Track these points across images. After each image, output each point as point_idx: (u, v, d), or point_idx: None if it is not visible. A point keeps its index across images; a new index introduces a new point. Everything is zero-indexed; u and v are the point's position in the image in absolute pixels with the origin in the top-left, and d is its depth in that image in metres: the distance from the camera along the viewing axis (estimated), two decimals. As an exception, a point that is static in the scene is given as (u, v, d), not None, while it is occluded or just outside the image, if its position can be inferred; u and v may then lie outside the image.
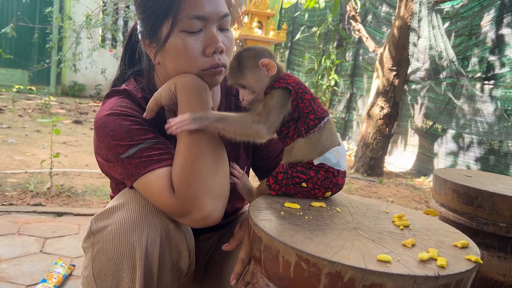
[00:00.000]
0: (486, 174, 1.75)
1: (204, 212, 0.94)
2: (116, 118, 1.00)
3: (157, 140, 1.00)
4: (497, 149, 4.39)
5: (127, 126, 0.99)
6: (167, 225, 0.98)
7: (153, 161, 0.97)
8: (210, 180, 0.96)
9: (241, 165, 1.27)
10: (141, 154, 0.97)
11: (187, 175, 0.94)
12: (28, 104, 7.44)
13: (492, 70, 4.48)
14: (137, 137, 0.98)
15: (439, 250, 0.80)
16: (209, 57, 1.02)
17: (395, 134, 5.89)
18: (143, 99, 1.09)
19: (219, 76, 1.06)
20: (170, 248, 0.99)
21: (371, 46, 5.27)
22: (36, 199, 2.91)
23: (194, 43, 1.00)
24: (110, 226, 0.96)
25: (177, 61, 1.01)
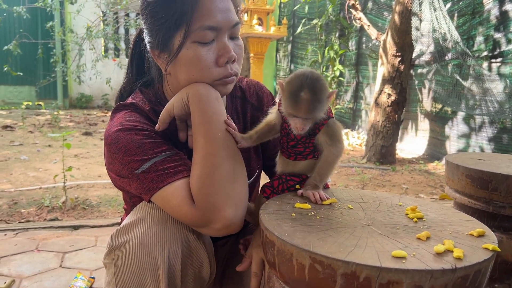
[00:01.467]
0: (500, 156, 1.72)
1: (226, 221, 0.93)
2: (127, 134, 0.99)
3: (170, 152, 1.00)
4: (510, 128, 4.32)
5: (139, 140, 0.98)
6: (187, 236, 0.98)
7: (170, 174, 0.96)
8: (230, 189, 0.95)
9: (253, 166, 1.27)
10: (156, 168, 0.96)
11: (206, 185, 0.94)
12: (38, 120, 7.52)
13: (498, 47, 4.41)
14: (150, 151, 0.97)
15: (455, 241, 0.79)
16: (222, 67, 1.02)
17: (404, 120, 5.83)
18: (151, 110, 1.09)
19: (231, 85, 1.06)
20: (192, 259, 1.00)
21: (373, 33, 5.22)
22: (52, 214, 2.94)
23: (207, 54, 0.99)
24: (131, 241, 0.97)
25: (189, 72, 1.01)
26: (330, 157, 1.01)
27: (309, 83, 0.93)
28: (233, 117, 1.21)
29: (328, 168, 1.02)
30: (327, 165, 1.02)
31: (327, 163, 1.02)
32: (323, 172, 1.02)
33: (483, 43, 4.60)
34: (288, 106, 0.95)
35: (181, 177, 0.96)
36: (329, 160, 1.01)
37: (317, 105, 0.93)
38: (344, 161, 5.17)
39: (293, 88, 0.93)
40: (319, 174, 1.02)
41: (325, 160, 1.01)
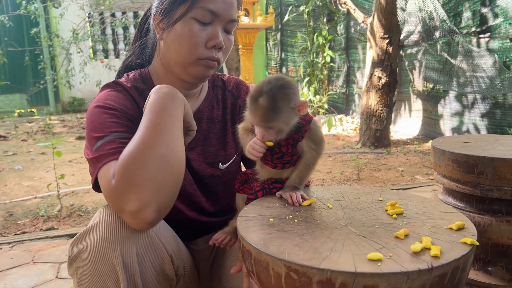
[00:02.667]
0: (486, 137, 1.71)
1: (140, 202, 0.89)
2: (99, 110, 1.06)
3: (124, 134, 1.02)
4: (502, 102, 4.31)
5: (104, 118, 1.04)
6: (140, 235, 0.98)
7: (109, 154, 0.98)
8: (156, 173, 0.92)
9: (230, 152, 1.29)
10: (103, 147, 0.99)
11: (132, 161, 0.91)
12: (31, 127, 7.48)
13: (486, 22, 4.37)
14: (107, 130, 1.02)
15: (433, 237, 0.78)
16: (209, 49, 1.09)
17: (397, 102, 5.81)
18: (133, 88, 1.16)
19: (212, 70, 1.13)
20: (150, 256, 0.99)
21: (360, 17, 5.17)
22: (48, 223, 2.93)
23: (200, 33, 1.08)
24: (86, 249, 0.96)
25: (180, 44, 1.09)
26: (311, 160, 1.00)
27: (268, 90, 0.89)
28: (213, 103, 1.28)
29: (309, 170, 1.01)
30: (308, 168, 1.01)
31: (307, 166, 1.01)
32: (303, 174, 1.01)
33: (471, 19, 4.57)
34: (248, 112, 0.94)
35: (117, 157, 0.96)
36: (310, 163, 1.01)
37: (275, 114, 0.89)
38: (339, 147, 5.17)
39: (253, 93, 0.91)
40: (299, 177, 1.01)
41: (306, 164, 1.00)
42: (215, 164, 1.26)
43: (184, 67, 1.12)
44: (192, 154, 1.22)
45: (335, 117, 6.65)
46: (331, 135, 6.09)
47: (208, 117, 1.26)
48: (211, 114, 1.28)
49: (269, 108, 0.88)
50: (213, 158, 1.26)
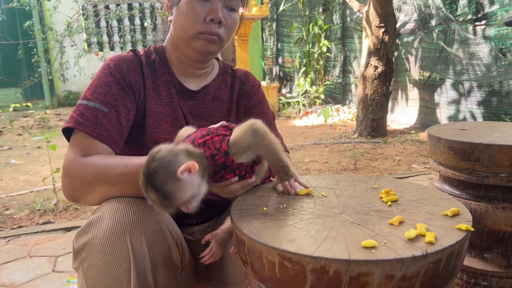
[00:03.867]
0: (482, 124, 1.70)
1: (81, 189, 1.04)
2: (103, 71, 1.15)
3: (105, 109, 1.10)
4: (498, 90, 4.30)
5: (102, 81, 1.13)
6: (148, 222, 0.98)
7: (80, 122, 1.06)
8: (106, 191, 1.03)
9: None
10: (82, 109, 1.08)
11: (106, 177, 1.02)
12: (26, 121, 7.44)
13: (482, 10, 4.35)
14: (96, 95, 1.10)
15: (428, 223, 0.78)
16: (208, 24, 1.14)
17: (394, 91, 5.80)
18: (144, 55, 1.24)
19: (213, 45, 1.17)
20: (158, 243, 0.99)
21: (356, 6, 5.14)
22: (44, 217, 2.92)
23: (200, 9, 1.13)
24: (93, 239, 0.96)
25: (182, 20, 1.16)
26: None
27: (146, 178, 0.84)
28: (221, 85, 1.33)
29: (276, 156, 0.95)
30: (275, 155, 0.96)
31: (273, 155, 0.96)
32: (277, 159, 0.95)
33: (467, 7, 4.54)
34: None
35: (79, 129, 1.06)
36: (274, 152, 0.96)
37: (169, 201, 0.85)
38: (336, 138, 5.16)
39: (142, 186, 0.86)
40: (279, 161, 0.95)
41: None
42: None
43: (187, 42, 1.17)
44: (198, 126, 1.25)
45: (332, 107, 6.63)
46: (328, 125, 6.08)
47: (214, 96, 1.31)
48: (218, 94, 1.32)
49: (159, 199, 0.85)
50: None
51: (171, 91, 1.23)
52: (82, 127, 1.05)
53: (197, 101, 1.27)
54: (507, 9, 4.05)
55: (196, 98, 1.27)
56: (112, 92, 1.12)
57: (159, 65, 1.24)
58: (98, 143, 1.06)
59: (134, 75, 1.18)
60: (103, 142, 1.07)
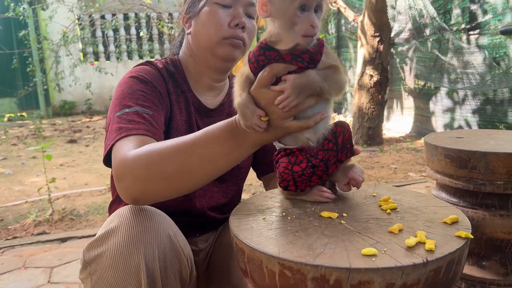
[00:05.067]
0: (478, 132, 1.71)
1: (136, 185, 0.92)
2: (132, 80, 1.12)
3: (149, 111, 1.06)
4: (492, 98, 4.34)
5: (135, 88, 1.10)
6: (162, 239, 0.96)
7: (129, 129, 1.00)
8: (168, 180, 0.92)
9: (245, 163, 1.34)
10: (126, 117, 1.02)
11: (160, 156, 0.91)
12: (21, 131, 7.41)
13: (475, 19, 4.40)
14: (135, 101, 1.06)
15: (428, 231, 0.78)
16: (232, 28, 1.16)
17: (389, 99, 5.83)
18: (164, 69, 1.23)
19: (238, 50, 1.19)
20: (170, 259, 0.98)
21: (351, 15, 5.19)
22: (39, 228, 2.89)
23: (223, 14, 1.16)
24: (105, 253, 0.94)
25: (206, 27, 1.17)
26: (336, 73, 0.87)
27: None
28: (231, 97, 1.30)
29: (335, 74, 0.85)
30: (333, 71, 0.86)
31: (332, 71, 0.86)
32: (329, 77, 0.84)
33: (460, 16, 4.59)
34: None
35: (134, 133, 0.99)
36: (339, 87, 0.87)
37: None
38: (332, 146, 5.16)
39: None
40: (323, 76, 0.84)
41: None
42: None
43: (212, 49, 1.18)
44: None
45: (328, 116, 6.64)
46: (323, 134, 6.09)
47: (228, 112, 1.30)
48: (231, 110, 1.30)
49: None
50: None
51: (190, 109, 1.23)
52: (136, 131, 1.00)
53: (213, 118, 1.26)
54: (500, 19, 4.10)
55: (213, 115, 1.27)
56: (149, 97, 1.10)
57: (178, 80, 1.24)
58: (152, 140, 1.00)
59: (162, 89, 1.17)
60: (157, 140, 1.02)
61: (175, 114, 1.19)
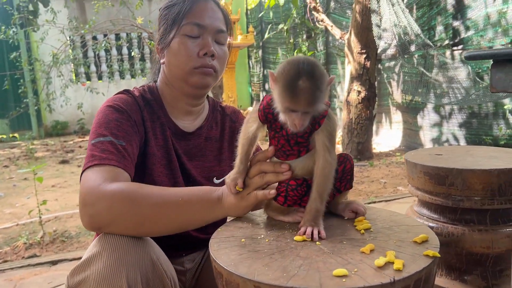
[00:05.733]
0: (457, 149, 1.76)
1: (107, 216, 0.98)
2: (108, 110, 1.16)
3: (122, 142, 1.10)
4: (478, 112, 4.42)
5: (111, 118, 1.14)
6: (144, 262, 0.98)
7: (101, 158, 1.04)
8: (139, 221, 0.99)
9: (225, 169, 1.35)
10: (100, 146, 1.07)
11: (139, 199, 0.98)
12: (13, 153, 7.40)
13: (458, 35, 4.51)
14: (109, 130, 1.11)
15: (398, 250, 0.81)
16: (202, 58, 1.21)
17: (378, 114, 5.91)
18: (140, 97, 1.27)
19: (209, 77, 1.24)
20: (153, 282, 1.00)
21: (337, 33, 5.29)
22: (30, 251, 2.89)
23: (192, 45, 1.20)
24: (89, 278, 0.96)
25: (177, 58, 1.22)
26: (327, 169, 0.92)
27: (307, 69, 0.83)
28: (212, 124, 1.38)
29: (327, 183, 0.93)
30: (326, 180, 0.92)
31: (325, 177, 0.92)
32: (323, 189, 0.92)
33: (444, 32, 4.71)
34: (283, 99, 0.84)
35: (106, 163, 1.04)
36: (326, 173, 0.92)
37: (318, 94, 0.84)
38: (323, 162, 5.21)
39: (289, 76, 0.83)
40: (319, 194, 0.92)
41: (323, 174, 0.92)
42: (210, 178, 1.33)
43: (184, 79, 1.23)
44: (191, 166, 1.30)
45: (318, 131, 6.70)
46: (315, 150, 6.14)
47: (207, 136, 1.35)
48: (209, 133, 1.36)
49: (314, 89, 0.83)
50: (208, 172, 1.33)
51: (166, 133, 1.26)
52: (108, 161, 1.05)
53: (191, 142, 1.31)
54: (482, 34, 4.21)
55: (190, 139, 1.31)
56: (123, 127, 1.14)
57: (154, 106, 1.27)
58: (123, 172, 1.05)
59: (137, 117, 1.21)
60: (128, 173, 1.07)
61: (150, 140, 1.23)
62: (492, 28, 4.09)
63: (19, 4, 5.78)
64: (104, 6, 7.55)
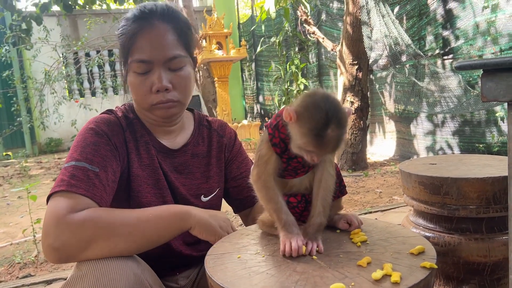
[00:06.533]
0: (451, 157, 1.77)
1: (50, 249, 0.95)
2: (89, 132, 1.13)
3: (96, 169, 1.07)
4: (470, 119, 4.46)
5: (88, 141, 1.11)
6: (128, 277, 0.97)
7: (71, 184, 1.01)
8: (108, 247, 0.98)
9: (213, 186, 1.32)
10: (71, 171, 1.03)
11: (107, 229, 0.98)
12: (6, 171, 7.34)
13: (448, 44, 4.56)
14: (83, 155, 1.07)
15: (395, 263, 0.81)
16: (156, 94, 1.15)
17: (371, 124, 5.94)
18: (123, 117, 1.24)
19: (172, 109, 1.19)
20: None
21: (329, 45, 5.34)
22: (25, 270, 2.85)
23: (143, 82, 1.15)
24: None
25: (134, 94, 1.19)
26: (330, 181, 0.93)
27: (335, 116, 0.80)
28: (198, 140, 1.34)
29: (330, 196, 0.94)
30: (330, 193, 0.93)
31: (329, 191, 0.93)
32: (327, 203, 0.93)
33: (434, 42, 4.76)
34: (308, 144, 0.82)
35: (74, 191, 1.00)
36: (330, 186, 0.93)
37: (344, 137, 0.83)
38: (318, 173, 5.21)
39: (317, 124, 0.80)
40: (323, 208, 0.93)
41: (326, 187, 0.93)
42: (198, 196, 1.31)
43: (149, 111, 1.20)
44: (180, 183, 1.27)
45: (313, 142, 6.72)
46: (310, 161, 6.14)
47: (193, 152, 1.31)
48: (196, 150, 1.33)
49: (341, 136, 0.82)
50: (196, 190, 1.30)
51: (151, 152, 1.23)
52: (76, 189, 1.01)
53: (177, 159, 1.27)
54: (472, 43, 4.26)
55: (176, 156, 1.27)
56: (100, 152, 1.11)
57: (137, 125, 1.24)
58: (91, 202, 1.03)
59: (119, 139, 1.18)
60: (96, 202, 1.04)
61: (133, 162, 1.20)
62: (481, 37, 4.14)
63: (12, 23, 5.79)
64: (96, 23, 7.59)
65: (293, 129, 0.85)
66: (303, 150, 0.85)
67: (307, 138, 0.81)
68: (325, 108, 0.80)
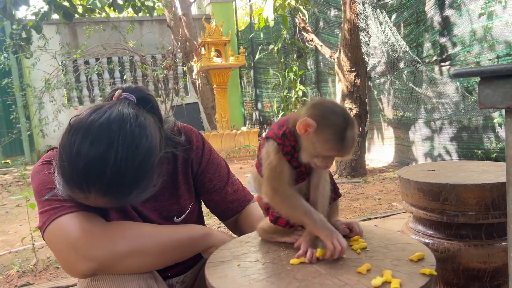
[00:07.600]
0: (449, 164, 1.78)
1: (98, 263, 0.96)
2: (41, 167, 1.12)
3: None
4: (468, 125, 4.47)
5: (46, 175, 1.09)
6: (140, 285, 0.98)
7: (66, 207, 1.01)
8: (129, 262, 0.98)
9: (184, 204, 1.26)
10: (54, 200, 1.02)
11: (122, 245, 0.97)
12: (5, 179, 7.33)
13: (445, 51, 4.59)
14: (50, 186, 1.05)
15: (394, 270, 0.81)
16: None
17: (370, 131, 5.95)
18: None
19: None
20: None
21: (327, 52, 5.36)
22: (23, 279, 2.84)
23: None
24: None
25: None
26: (327, 187, 0.96)
27: (350, 118, 0.86)
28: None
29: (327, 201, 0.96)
30: (327, 199, 0.96)
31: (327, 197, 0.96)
32: (324, 208, 0.95)
33: (432, 49, 4.79)
34: (330, 149, 0.85)
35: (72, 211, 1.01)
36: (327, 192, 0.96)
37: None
38: (317, 180, 5.21)
39: (339, 128, 0.84)
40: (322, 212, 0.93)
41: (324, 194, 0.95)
42: (171, 218, 1.25)
43: None
44: (146, 211, 1.21)
45: (312, 149, 6.73)
46: (309, 168, 6.15)
47: (183, 172, 1.26)
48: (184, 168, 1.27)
49: (356, 135, 0.87)
50: (167, 212, 1.24)
51: None
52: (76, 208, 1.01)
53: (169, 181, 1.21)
54: (469, 50, 4.28)
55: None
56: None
57: None
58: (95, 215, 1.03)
59: None
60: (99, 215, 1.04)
61: None
62: (478, 43, 4.17)
63: (12, 32, 5.81)
64: (95, 31, 7.63)
65: (310, 139, 0.87)
66: (319, 157, 0.87)
67: (330, 143, 0.85)
68: (340, 112, 0.85)
